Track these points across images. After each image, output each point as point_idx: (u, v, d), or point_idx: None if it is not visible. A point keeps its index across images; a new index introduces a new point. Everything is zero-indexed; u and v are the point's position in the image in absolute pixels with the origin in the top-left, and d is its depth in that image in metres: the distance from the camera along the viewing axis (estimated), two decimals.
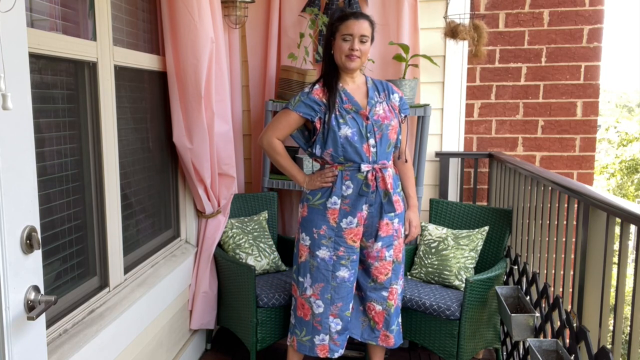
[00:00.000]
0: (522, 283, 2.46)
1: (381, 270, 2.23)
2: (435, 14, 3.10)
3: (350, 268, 2.21)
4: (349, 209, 2.17)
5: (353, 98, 2.15)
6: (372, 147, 2.12)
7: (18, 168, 1.05)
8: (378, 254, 2.22)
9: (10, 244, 1.03)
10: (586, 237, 1.77)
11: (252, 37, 3.26)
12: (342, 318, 2.25)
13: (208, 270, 2.68)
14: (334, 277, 2.20)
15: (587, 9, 3.09)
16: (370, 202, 2.17)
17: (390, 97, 2.22)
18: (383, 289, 2.25)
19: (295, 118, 2.18)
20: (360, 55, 2.11)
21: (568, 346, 1.83)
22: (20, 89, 1.05)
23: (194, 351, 2.75)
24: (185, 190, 2.67)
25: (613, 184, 13.25)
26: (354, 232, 2.19)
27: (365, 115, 2.13)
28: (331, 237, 2.19)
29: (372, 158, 2.13)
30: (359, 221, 2.18)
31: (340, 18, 2.13)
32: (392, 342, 2.29)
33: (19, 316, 1.06)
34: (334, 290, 2.21)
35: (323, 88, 2.18)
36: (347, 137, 2.10)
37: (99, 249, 1.92)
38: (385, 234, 2.21)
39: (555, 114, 3.19)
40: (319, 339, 2.25)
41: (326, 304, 2.22)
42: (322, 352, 2.27)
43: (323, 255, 2.20)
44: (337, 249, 2.19)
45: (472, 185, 3.28)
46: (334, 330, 2.24)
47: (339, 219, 2.18)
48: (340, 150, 2.12)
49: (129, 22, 2.16)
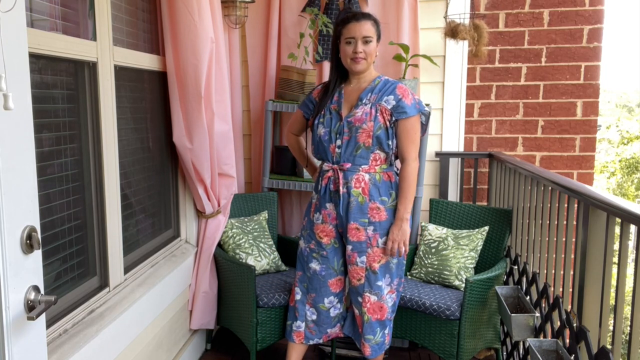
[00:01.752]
0: (522, 283, 2.46)
1: (354, 274, 2.22)
2: (435, 13, 3.10)
3: (321, 262, 2.27)
4: (318, 205, 2.25)
5: (342, 98, 2.17)
6: (337, 148, 2.15)
7: (18, 168, 1.05)
8: (349, 257, 2.22)
9: (10, 244, 1.03)
10: (586, 237, 1.77)
11: (252, 37, 3.26)
12: (317, 310, 2.31)
13: (208, 270, 2.68)
14: (308, 267, 2.30)
15: (587, 9, 3.09)
16: (335, 202, 2.19)
17: (381, 99, 2.10)
18: (357, 293, 2.23)
19: (299, 115, 2.36)
20: (366, 56, 2.10)
21: (568, 346, 1.83)
22: (20, 89, 1.05)
23: (194, 351, 2.75)
24: (185, 190, 2.67)
25: (613, 183, 13.25)
26: (320, 228, 2.24)
27: (342, 116, 2.15)
28: (307, 229, 2.31)
29: (335, 159, 2.16)
30: (324, 218, 2.22)
31: (342, 21, 2.13)
32: (368, 351, 2.24)
33: (19, 316, 1.06)
34: (308, 280, 2.31)
35: (322, 88, 2.24)
36: (320, 136, 2.18)
37: (99, 249, 1.92)
38: (356, 239, 2.16)
39: (555, 114, 3.19)
40: (296, 325, 2.34)
41: (302, 292, 2.33)
42: (298, 338, 2.34)
43: (302, 245, 2.34)
44: (310, 242, 2.29)
45: (472, 185, 3.28)
46: (310, 319, 2.32)
47: (313, 214, 2.27)
48: (316, 148, 2.23)
49: (129, 22, 2.16)
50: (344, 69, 2.18)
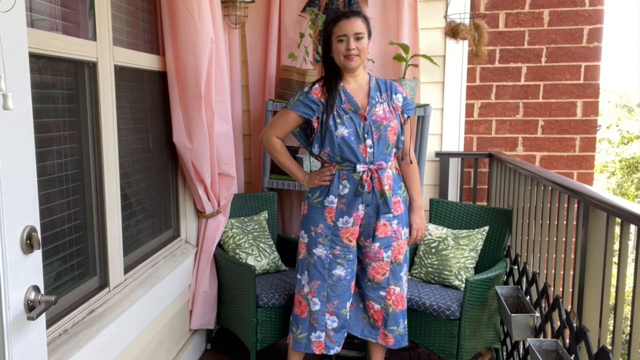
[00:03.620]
0: (522, 283, 2.46)
1: (378, 270, 2.23)
2: (436, 13, 3.10)
3: (346, 267, 2.22)
4: (345, 209, 2.17)
5: (352, 98, 2.14)
6: (369, 148, 2.12)
7: (18, 168, 1.05)
8: (376, 255, 2.21)
9: (10, 244, 1.03)
10: (586, 237, 1.77)
11: (252, 37, 3.26)
12: (338, 316, 2.25)
13: (208, 270, 2.68)
14: (330, 275, 2.22)
15: (587, 9, 3.09)
16: (367, 202, 2.17)
17: (392, 98, 2.19)
18: (380, 288, 2.25)
19: (294, 117, 2.21)
20: (359, 53, 2.10)
21: (568, 346, 1.83)
22: (20, 89, 1.05)
23: (194, 351, 2.75)
24: (185, 190, 2.67)
25: (613, 183, 13.26)
26: (349, 231, 2.19)
27: (363, 116, 2.12)
28: (328, 235, 2.21)
29: (368, 159, 2.13)
30: (355, 221, 2.18)
31: (332, 20, 2.13)
32: (392, 342, 2.29)
33: (19, 316, 1.06)
34: (330, 288, 2.22)
35: (322, 88, 2.18)
36: (343, 137, 2.11)
37: (99, 249, 1.92)
38: (383, 235, 2.20)
39: (555, 114, 3.20)
40: (315, 336, 2.27)
41: (322, 302, 2.24)
42: (317, 348, 2.27)
43: (320, 254, 2.22)
44: (334, 248, 2.21)
45: (472, 185, 3.28)
46: (330, 327, 2.26)
47: (335, 218, 2.19)
48: (337, 150, 2.13)
49: (129, 22, 2.16)
50: (337, 68, 2.17)
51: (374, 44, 3.15)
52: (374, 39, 3.14)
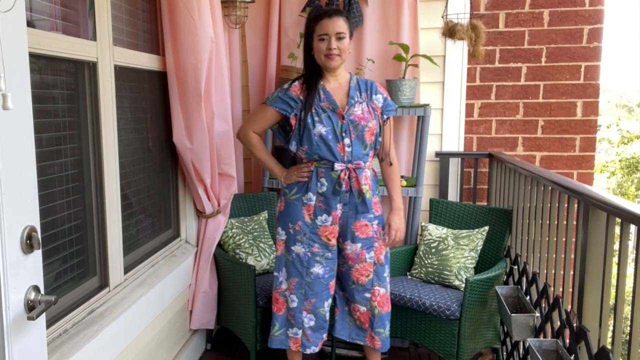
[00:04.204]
0: (522, 283, 2.46)
1: (362, 272, 2.22)
2: (436, 13, 3.10)
3: (324, 265, 2.22)
4: (323, 207, 2.18)
5: (331, 96, 2.14)
6: (347, 147, 2.12)
7: (18, 168, 1.05)
8: (358, 256, 2.21)
9: (10, 244, 1.03)
10: (586, 237, 1.77)
11: (252, 37, 3.26)
12: (315, 315, 2.25)
13: (208, 270, 2.68)
14: (308, 273, 2.21)
15: (587, 9, 3.09)
16: (345, 201, 2.17)
17: (372, 98, 2.19)
18: (365, 290, 2.24)
19: (272, 113, 2.21)
20: (340, 52, 2.10)
21: (568, 346, 1.83)
22: (20, 89, 1.05)
23: (194, 351, 2.75)
24: (185, 190, 2.67)
25: (613, 183, 13.26)
26: (328, 230, 2.19)
27: (341, 115, 2.12)
28: (306, 233, 2.20)
29: (346, 157, 2.13)
30: (333, 220, 2.18)
31: (314, 18, 2.12)
32: (379, 344, 2.27)
33: (19, 316, 1.06)
34: (307, 286, 2.22)
35: (302, 85, 2.17)
36: (321, 135, 2.11)
37: (99, 249, 1.92)
38: (365, 236, 2.20)
39: (555, 114, 3.20)
40: (292, 332, 2.27)
41: (300, 299, 2.24)
42: (294, 345, 2.28)
43: (298, 251, 2.21)
44: (312, 246, 2.20)
45: (472, 185, 3.28)
46: (307, 325, 2.26)
47: (314, 216, 2.19)
48: (315, 148, 2.13)
49: (129, 22, 2.16)
50: (317, 67, 2.17)
51: (374, 44, 3.15)
52: (374, 39, 3.15)
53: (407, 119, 3.17)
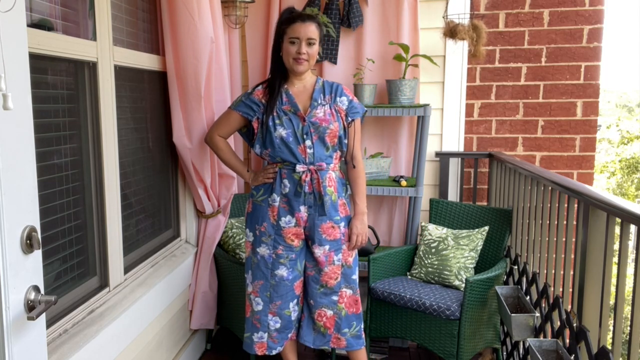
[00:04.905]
0: (522, 283, 2.46)
1: (331, 275, 2.21)
2: (436, 13, 3.10)
3: (289, 267, 2.20)
4: (287, 208, 2.17)
5: (293, 99, 2.14)
6: (308, 149, 2.12)
7: (18, 168, 1.05)
8: (327, 258, 2.19)
9: (10, 244, 1.03)
10: (586, 237, 1.78)
11: (252, 37, 3.26)
12: (281, 316, 2.23)
13: (208, 270, 2.68)
14: (273, 275, 2.19)
15: (587, 9, 3.09)
16: (309, 203, 2.16)
17: (335, 100, 2.18)
18: (333, 293, 2.22)
19: (235, 117, 2.23)
20: (308, 58, 2.10)
21: (568, 346, 1.83)
22: (20, 89, 1.05)
23: (194, 351, 2.75)
24: (185, 190, 2.67)
25: (613, 183, 13.26)
26: (292, 231, 2.18)
27: (302, 117, 2.12)
28: (271, 234, 2.18)
29: (308, 159, 2.13)
30: (297, 221, 2.17)
31: (287, 20, 2.11)
32: (344, 344, 2.25)
33: (19, 316, 1.06)
34: (272, 288, 2.20)
35: (265, 89, 2.18)
36: (282, 137, 2.11)
37: (99, 249, 1.92)
38: (332, 238, 2.18)
39: (555, 114, 3.20)
40: (257, 337, 2.24)
41: (265, 302, 2.22)
42: (260, 349, 2.25)
43: (263, 253, 2.20)
44: (277, 247, 2.18)
45: (472, 185, 3.28)
46: (273, 328, 2.24)
47: (278, 217, 2.17)
48: (277, 150, 2.13)
49: (129, 22, 2.16)
50: (284, 69, 2.17)
51: (374, 44, 3.15)
52: (374, 39, 3.15)
53: (407, 119, 3.17)
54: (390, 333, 2.61)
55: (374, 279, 2.65)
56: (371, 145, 3.25)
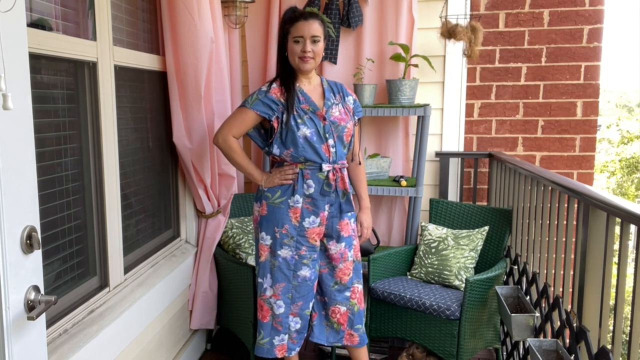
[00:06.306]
0: (522, 283, 2.46)
1: (345, 271, 2.23)
2: (435, 13, 3.10)
3: (311, 267, 2.20)
4: (311, 208, 2.15)
5: (310, 98, 2.14)
6: (331, 147, 2.13)
7: (18, 168, 1.05)
8: (342, 255, 2.21)
9: (10, 244, 1.03)
10: (586, 237, 1.77)
11: (252, 37, 3.26)
12: (301, 317, 2.24)
13: (208, 270, 2.68)
14: (296, 276, 2.18)
15: (587, 9, 3.09)
16: (331, 201, 2.18)
17: (345, 100, 2.22)
18: (346, 289, 2.25)
19: (252, 116, 2.13)
20: (314, 56, 2.09)
21: (568, 346, 1.83)
22: (20, 89, 1.05)
23: (194, 351, 2.75)
24: (185, 190, 2.67)
25: (613, 183, 13.27)
26: (316, 231, 2.18)
27: (322, 116, 2.12)
28: (293, 236, 2.16)
29: (332, 158, 2.13)
30: (321, 221, 2.17)
31: (290, 20, 2.10)
32: (357, 340, 2.27)
33: (19, 316, 1.06)
34: (294, 289, 2.19)
35: (281, 87, 2.13)
36: (306, 137, 2.09)
37: (99, 249, 1.92)
38: (347, 234, 2.22)
39: (555, 114, 3.20)
40: (278, 340, 2.23)
41: (287, 304, 2.20)
42: (280, 352, 2.24)
43: (285, 255, 2.16)
44: (299, 249, 2.17)
45: (472, 185, 3.28)
46: (294, 329, 2.24)
47: (301, 218, 2.15)
48: (300, 150, 2.09)
49: (129, 22, 2.16)
50: (291, 69, 2.16)
51: (374, 44, 3.15)
52: (374, 39, 3.15)
53: (407, 119, 3.17)
54: (390, 333, 2.60)
55: (374, 279, 2.65)
56: (371, 145, 3.25)
